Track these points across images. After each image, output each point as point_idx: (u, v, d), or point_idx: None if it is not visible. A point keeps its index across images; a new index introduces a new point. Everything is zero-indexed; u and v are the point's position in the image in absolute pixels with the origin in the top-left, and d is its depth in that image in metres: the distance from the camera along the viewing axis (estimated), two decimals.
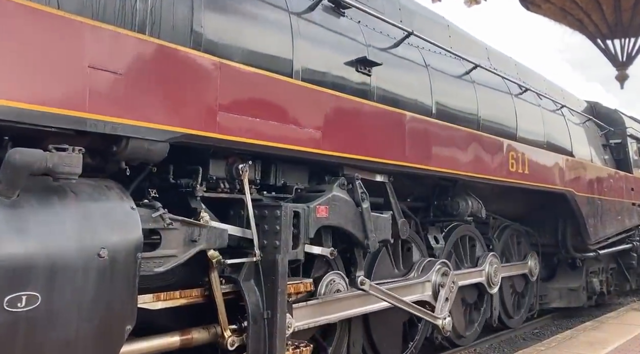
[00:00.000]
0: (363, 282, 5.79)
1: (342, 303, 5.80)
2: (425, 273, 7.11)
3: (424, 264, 7.21)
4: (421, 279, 7.05)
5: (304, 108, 5.15)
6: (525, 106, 9.47)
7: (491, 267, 8.67)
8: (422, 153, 6.65)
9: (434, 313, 7.05)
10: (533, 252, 10.26)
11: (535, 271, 10.29)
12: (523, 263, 10.08)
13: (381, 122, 6.10)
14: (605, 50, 15.76)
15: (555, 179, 9.51)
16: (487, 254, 8.66)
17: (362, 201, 5.77)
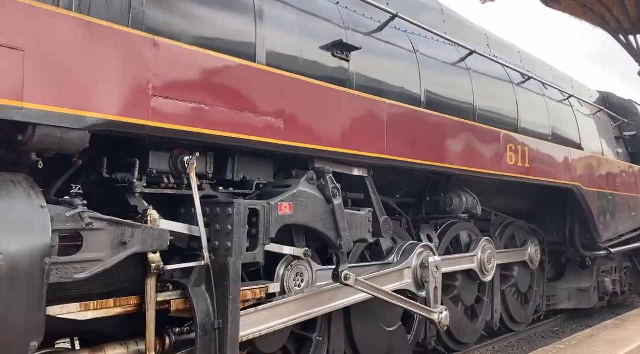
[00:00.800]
0: (347, 277, 5.21)
1: (304, 303, 5.18)
2: (405, 258, 6.37)
3: (405, 247, 6.49)
4: (400, 266, 6.28)
5: (262, 94, 4.60)
6: (528, 96, 8.82)
7: (484, 253, 7.93)
8: (406, 145, 6.07)
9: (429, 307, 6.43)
10: (534, 239, 9.53)
11: (536, 258, 9.53)
12: (522, 250, 9.35)
13: (357, 111, 5.53)
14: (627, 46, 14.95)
15: (561, 173, 8.85)
16: (479, 239, 7.99)
17: (333, 197, 5.20)
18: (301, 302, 5.04)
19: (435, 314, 6.40)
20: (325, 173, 5.21)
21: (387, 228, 6.09)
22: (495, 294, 8.77)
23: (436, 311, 6.42)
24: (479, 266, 7.85)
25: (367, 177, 5.94)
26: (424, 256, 6.40)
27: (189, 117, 4.05)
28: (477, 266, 7.83)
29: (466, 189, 7.54)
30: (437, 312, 6.41)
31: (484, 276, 7.95)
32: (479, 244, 7.88)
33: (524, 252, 9.34)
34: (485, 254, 7.92)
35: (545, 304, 10.27)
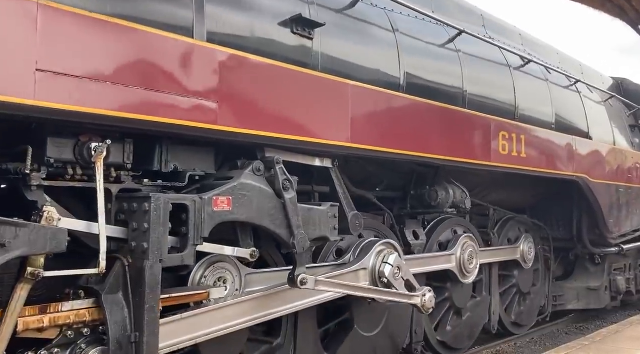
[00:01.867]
0: (304, 281, 4.57)
1: (246, 308, 4.53)
2: (361, 258, 5.55)
3: (363, 245, 5.69)
4: (354, 267, 5.43)
5: (188, 72, 3.96)
6: (527, 81, 8.05)
7: (464, 251, 7.14)
8: (376, 132, 5.39)
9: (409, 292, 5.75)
10: (527, 235, 8.65)
11: (530, 256, 8.61)
12: (512, 248, 8.43)
13: (315, 93, 4.87)
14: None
15: (564, 164, 8.08)
16: (459, 236, 7.19)
17: (284, 190, 4.56)
18: (240, 307, 4.40)
19: (416, 299, 5.71)
20: (275, 163, 4.56)
21: (357, 224, 5.43)
22: (493, 294, 8.05)
23: (417, 294, 5.73)
24: (459, 266, 7.06)
25: (331, 168, 5.28)
26: (384, 255, 5.64)
27: (89, 97, 3.43)
28: (456, 266, 7.03)
29: (454, 181, 6.82)
30: (418, 295, 5.72)
31: (465, 277, 7.16)
32: (458, 241, 7.10)
33: (515, 250, 8.45)
34: (465, 253, 7.13)
35: (551, 304, 9.50)
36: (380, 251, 5.63)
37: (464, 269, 7.09)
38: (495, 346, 8.34)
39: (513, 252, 8.42)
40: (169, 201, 3.82)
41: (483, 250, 7.67)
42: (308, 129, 4.77)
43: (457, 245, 7.09)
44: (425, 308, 5.71)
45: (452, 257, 7.01)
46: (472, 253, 7.27)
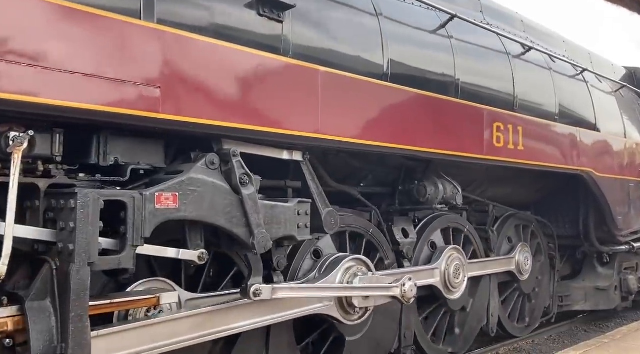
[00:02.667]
0: (257, 292, 4.15)
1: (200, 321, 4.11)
2: (326, 275, 5.08)
3: (330, 261, 5.21)
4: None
5: (122, 54, 3.55)
6: (528, 69, 7.54)
7: (449, 264, 6.57)
8: (351, 123, 4.96)
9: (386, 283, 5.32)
10: (524, 244, 8.04)
11: (527, 267, 7.99)
12: (507, 259, 7.76)
13: (279, 80, 4.44)
14: None
15: (566, 158, 7.57)
16: (444, 248, 6.62)
17: (242, 185, 4.14)
18: (192, 320, 4.00)
19: (395, 290, 5.27)
20: (231, 156, 4.15)
21: (332, 222, 5.00)
22: (491, 295, 7.57)
23: (396, 285, 5.29)
24: (443, 281, 6.46)
25: (302, 162, 4.85)
26: (352, 273, 5.16)
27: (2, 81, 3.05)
28: (440, 281, 6.44)
29: (444, 176, 6.36)
30: (397, 285, 5.28)
31: (450, 293, 6.57)
32: (443, 254, 6.52)
33: (510, 260, 7.79)
34: (451, 266, 6.53)
35: (556, 305, 8.98)
36: (349, 268, 5.18)
37: (450, 284, 6.51)
38: (513, 343, 8.12)
39: (507, 263, 7.76)
40: (100, 197, 3.42)
41: (472, 262, 7.08)
42: (271, 119, 4.35)
43: (441, 258, 6.51)
44: (405, 298, 5.26)
45: (435, 272, 6.42)
46: (459, 266, 6.67)
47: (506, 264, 7.75)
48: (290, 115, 4.47)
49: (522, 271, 7.92)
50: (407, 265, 6.37)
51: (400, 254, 6.33)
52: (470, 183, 7.44)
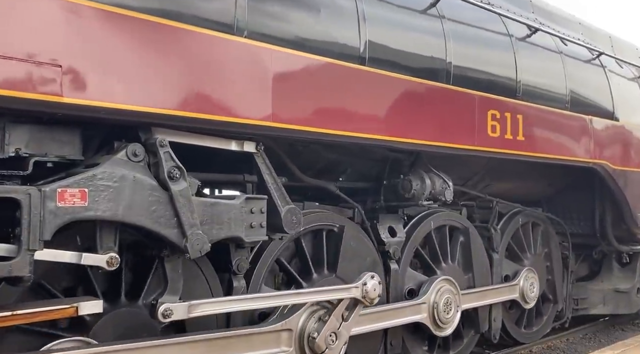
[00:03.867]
0: (167, 312, 3.60)
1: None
2: (287, 317, 4.41)
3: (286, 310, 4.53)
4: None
5: (8, 26, 3.04)
6: (534, 53, 6.83)
7: (440, 297, 5.77)
8: (313, 110, 4.37)
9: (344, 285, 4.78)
10: (530, 270, 7.20)
11: (532, 294, 7.10)
12: (509, 286, 6.92)
13: (221, 61, 3.88)
14: None
15: (576, 149, 6.84)
16: (434, 279, 5.89)
17: (170, 180, 3.62)
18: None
19: (355, 290, 4.68)
20: (158, 146, 3.61)
21: (293, 221, 4.45)
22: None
23: (356, 285, 4.72)
24: (432, 317, 5.72)
25: (255, 153, 4.30)
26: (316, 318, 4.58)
27: None
28: (428, 317, 5.70)
29: (433, 169, 5.72)
30: (357, 285, 4.70)
31: (440, 330, 5.83)
32: (432, 286, 5.78)
33: (513, 288, 6.97)
34: (441, 300, 5.78)
35: (570, 309, 8.25)
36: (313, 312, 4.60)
37: (439, 320, 5.76)
38: (547, 341, 7.84)
39: (510, 291, 6.96)
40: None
41: (467, 293, 6.32)
42: (210, 105, 3.81)
43: (430, 290, 5.77)
44: (368, 298, 4.68)
45: (422, 307, 5.67)
46: (450, 300, 5.91)
47: (508, 292, 6.96)
48: (234, 101, 3.92)
49: (527, 299, 7.12)
50: (394, 266, 5.79)
51: (386, 254, 5.74)
52: (469, 177, 6.80)
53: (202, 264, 4.38)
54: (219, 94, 3.83)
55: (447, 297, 5.90)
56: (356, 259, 5.36)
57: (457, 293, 6.06)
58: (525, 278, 7.13)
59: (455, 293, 6.04)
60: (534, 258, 7.52)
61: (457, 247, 6.51)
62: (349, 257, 5.30)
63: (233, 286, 4.52)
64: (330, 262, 5.22)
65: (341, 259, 5.21)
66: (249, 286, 4.69)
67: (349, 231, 5.30)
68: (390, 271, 5.75)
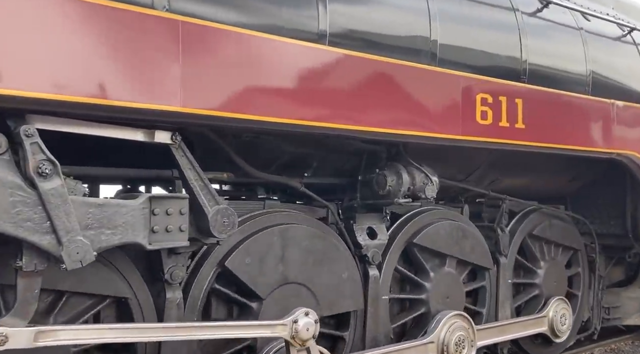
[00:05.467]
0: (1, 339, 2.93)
1: None
2: None
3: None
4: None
5: None
6: (545, 30, 5.91)
7: (449, 336, 5.05)
8: (240, 94, 3.66)
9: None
10: (562, 299, 6.34)
11: (563, 327, 6.25)
12: (535, 318, 6.08)
13: (111, 35, 3.23)
14: None
15: (593, 137, 5.87)
16: (444, 314, 5.14)
17: (39, 177, 3.00)
18: None
19: (282, 328, 3.96)
20: (23, 136, 3.00)
21: (223, 224, 3.77)
22: (501, 304, 6.00)
23: (284, 322, 4.00)
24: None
25: (171, 144, 3.63)
26: None
27: None
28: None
29: (412, 162, 4.91)
30: (284, 323, 3.98)
31: None
32: (441, 323, 5.05)
33: (540, 320, 6.10)
34: (452, 338, 5.05)
35: (599, 318, 7.25)
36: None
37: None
38: (611, 342, 7.47)
39: (536, 324, 6.06)
40: None
41: (484, 328, 5.55)
42: (96, 87, 3.16)
43: (439, 327, 5.05)
44: (298, 339, 3.95)
45: (429, 347, 4.94)
46: (463, 338, 5.16)
47: (535, 325, 6.08)
48: (131, 82, 3.26)
49: (557, 332, 6.23)
50: (374, 273, 5.04)
51: (364, 259, 5.00)
52: (470, 172, 5.95)
53: (126, 272, 3.78)
54: (108, 75, 3.18)
55: (459, 334, 5.16)
56: (323, 266, 4.63)
57: (471, 327, 5.31)
58: (555, 308, 6.25)
59: (467, 328, 5.29)
60: (552, 262, 6.59)
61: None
62: (311, 264, 4.58)
63: (166, 298, 3.91)
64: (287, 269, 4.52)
65: (299, 266, 4.50)
66: (188, 299, 4.07)
67: (308, 233, 4.57)
68: (369, 278, 5.01)
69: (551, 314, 6.23)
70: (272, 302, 4.36)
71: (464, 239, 5.59)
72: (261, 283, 4.33)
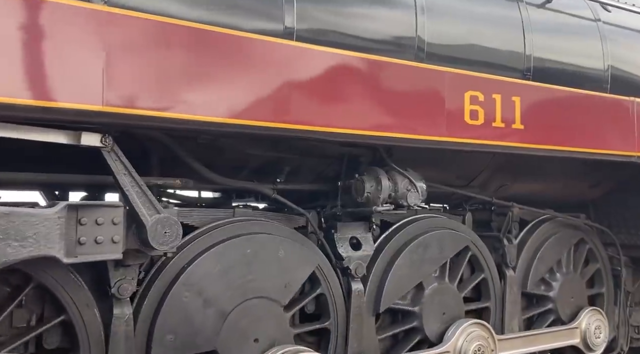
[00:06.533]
0: None
1: None
2: None
3: None
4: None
5: None
6: (555, 21, 5.36)
7: (468, 344, 4.74)
8: (174, 92, 3.28)
9: None
10: (595, 310, 5.79)
11: (598, 340, 5.72)
12: (567, 329, 5.59)
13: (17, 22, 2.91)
14: None
15: (610, 139, 5.23)
16: (462, 322, 4.81)
17: None
18: None
19: None
20: None
21: (165, 234, 3.41)
22: (507, 322, 5.43)
23: None
24: None
25: (102, 148, 3.28)
26: None
27: None
28: None
29: (395, 167, 4.43)
30: None
31: None
32: (459, 330, 4.75)
33: (573, 332, 5.60)
34: (470, 347, 4.73)
35: (627, 338, 6.54)
36: None
37: None
38: None
39: (567, 336, 5.57)
40: None
41: (506, 338, 5.13)
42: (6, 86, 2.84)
43: (455, 335, 4.73)
44: None
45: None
46: (482, 348, 4.82)
47: (565, 336, 5.59)
48: (39, 79, 2.92)
49: (591, 345, 5.70)
50: (357, 287, 4.58)
51: (346, 272, 4.55)
52: (472, 177, 5.43)
53: (68, 288, 3.47)
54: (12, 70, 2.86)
55: (478, 344, 4.80)
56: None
57: (491, 336, 4.94)
58: (589, 319, 5.72)
59: (487, 337, 4.91)
60: (569, 276, 5.96)
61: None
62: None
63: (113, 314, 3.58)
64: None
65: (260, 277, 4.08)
66: (140, 314, 3.72)
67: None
68: (352, 292, 4.56)
69: (584, 325, 5.69)
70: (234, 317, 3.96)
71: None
72: (223, 298, 3.94)
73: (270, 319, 4.06)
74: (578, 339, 5.68)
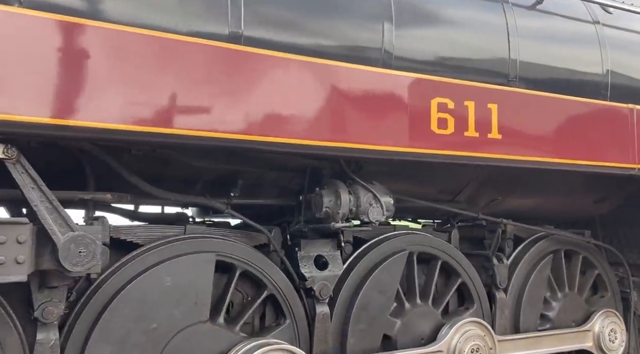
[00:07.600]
0: None
1: None
2: None
3: None
4: None
5: None
6: (545, 23, 4.89)
7: (463, 344, 4.37)
8: (120, 101, 2.97)
9: None
10: (607, 311, 5.30)
11: (614, 344, 5.23)
12: (577, 331, 5.14)
13: None
14: None
15: (605, 150, 4.69)
16: (457, 321, 4.45)
17: None
18: None
19: None
20: None
21: (80, 254, 3.07)
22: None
23: None
24: None
25: (7, 160, 2.97)
26: None
27: None
28: None
29: (359, 180, 4.02)
30: None
31: None
32: (453, 329, 4.42)
33: (584, 334, 5.14)
34: (465, 347, 4.39)
35: None
36: None
37: None
38: None
39: (577, 339, 5.12)
40: None
41: (508, 339, 4.74)
42: None
43: (449, 334, 4.38)
44: None
45: None
46: (479, 348, 4.45)
47: (575, 339, 5.13)
48: None
49: (606, 350, 5.21)
50: (322, 310, 4.17)
51: (310, 293, 4.15)
52: (456, 191, 4.96)
53: None
54: None
55: (474, 344, 4.44)
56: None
57: (488, 334, 4.59)
58: (602, 322, 5.25)
59: (484, 336, 4.55)
60: (570, 298, 5.41)
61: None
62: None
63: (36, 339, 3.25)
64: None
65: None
66: (68, 341, 3.38)
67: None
68: (316, 316, 4.14)
69: (597, 328, 5.22)
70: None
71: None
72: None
73: (206, 340, 3.65)
74: (590, 343, 5.20)
